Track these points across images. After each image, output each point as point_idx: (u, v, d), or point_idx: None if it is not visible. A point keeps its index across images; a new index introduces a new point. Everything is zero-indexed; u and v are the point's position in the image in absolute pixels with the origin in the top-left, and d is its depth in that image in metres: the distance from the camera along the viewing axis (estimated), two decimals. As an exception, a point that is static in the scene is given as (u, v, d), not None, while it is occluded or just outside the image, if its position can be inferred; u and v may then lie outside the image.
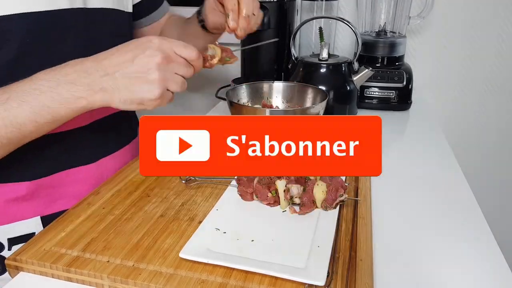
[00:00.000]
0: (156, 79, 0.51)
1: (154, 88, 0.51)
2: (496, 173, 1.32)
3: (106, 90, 0.51)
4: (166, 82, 0.52)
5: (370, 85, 1.05)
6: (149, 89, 0.51)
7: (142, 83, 0.51)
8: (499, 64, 1.21)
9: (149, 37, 0.53)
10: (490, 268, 0.51)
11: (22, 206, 0.64)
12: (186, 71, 0.55)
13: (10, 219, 0.64)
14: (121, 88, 0.51)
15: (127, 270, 0.47)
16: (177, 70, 0.53)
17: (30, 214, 0.65)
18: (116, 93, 0.51)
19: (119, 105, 0.52)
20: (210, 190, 0.64)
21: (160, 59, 0.51)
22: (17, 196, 0.63)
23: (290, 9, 1.11)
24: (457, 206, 0.65)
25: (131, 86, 0.51)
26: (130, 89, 0.51)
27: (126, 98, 0.52)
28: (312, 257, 0.47)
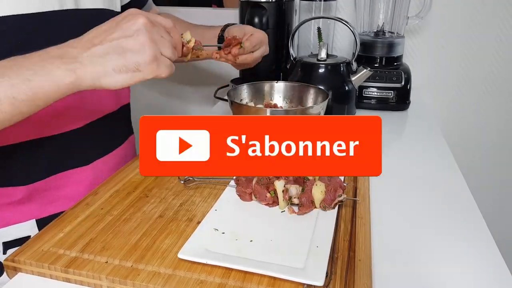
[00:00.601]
0: (146, 39, 0.47)
1: (146, 49, 0.47)
2: (494, 173, 1.32)
3: (95, 62, 0.47)
4: (156, 43, 0.48)
5: (368, 85, 1.05)
6: (141, 51, 0.47)
7: (133, 45, 0.47)
8: (498, 64, 1.21)
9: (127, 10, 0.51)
10: (488, 268, 0.51)
11: (17, 209, 0.64)
12: (170, 38, 0.51)
13: (5, 223, 0.63)
14: (112, 56, 0.47)
15: (126, 270, 0.47)
16: (161, 33, 0.50)
17: (25, 217, 0.64)
18: (108, 62, 0.47)
19: (112, 77, 0.47)
20: (208, 190, 0.64)
21: (145, 20, 0.48)
22: (12, 200, 0.63)
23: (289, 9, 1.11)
24: (456, 206, 0.65)
25: (122, 51, 0.47)
26: (121, 54, 0.47)
27: (119, 65, 0.47)
28: (311, 257, 0.47)
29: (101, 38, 0.48)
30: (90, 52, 0.47)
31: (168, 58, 0.50)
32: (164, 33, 0.51)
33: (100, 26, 0.50)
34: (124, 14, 0.50)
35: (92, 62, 0.47)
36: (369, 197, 0.62)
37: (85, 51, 0.47)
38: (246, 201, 0.60)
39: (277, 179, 0.58)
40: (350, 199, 0.60)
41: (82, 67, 0.46)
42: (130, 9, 0.51)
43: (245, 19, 1.07)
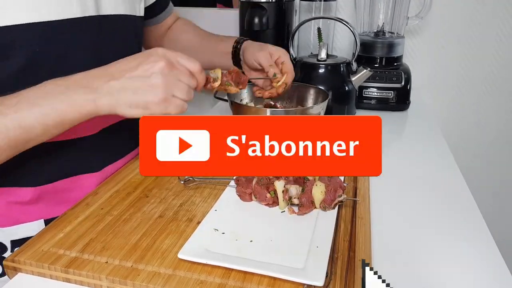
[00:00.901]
0: (159, 83, 0.52)
1: (157, 92, 0.52)
2: (494, 173, 1.32)
3: (112, 94, 0.52)
4: (169, 87, 0.53)
5: (368, 86, 1.05)
6: (152, 92, 0.52)
7: (146, 87, 0.52)
8: (497, 64, 1.21)
9: (155, 48, 0.55)
10: (488, 267, 0.51)
11: (26, 209, 0.64)
12: (189, 80, 0.56)
13: (14, 221, 0.64)
14: (127, 91, 0.52)
15: (126, 270, 0.47)
16: (181, 77, 0.54)
17: (34, 217, 0.65)
18: (122, 96, 0.52)
19: (125, 109, 0.53)
20: (208, 190, 0.64)
21: (164, 64, 0.53)
22: (21, 200, 0.63)
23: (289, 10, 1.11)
24: (456, 206, 0.65)
25: (136, 90, 0.52)
26: (134, 92, 0.52)
27: (131, 101, 0.52)
28: (311, 258, 0.47)
29: (121, 74, 0.53)
30: (108, 86, 0.52)
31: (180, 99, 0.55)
32: (184, 76, 0.55)
33: (125, 61, 0.55)
34: (148, 53, 0.54)
35: (109, 94, 0.52)
36: (369, 197, 0.62)
37: (104, 83, 0.52)
38: (246, 201, 0.60)
39: (277, 179, 0.58)
40: (350, 199, 0.60)
41: (101, 97, 0.52)
42: (157, 50, 0.55)
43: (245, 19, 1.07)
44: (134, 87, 0.52)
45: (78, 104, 0.52)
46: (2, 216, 0.63)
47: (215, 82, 0.63)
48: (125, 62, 0.54)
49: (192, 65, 0.56)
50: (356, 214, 0.57)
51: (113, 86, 0.52)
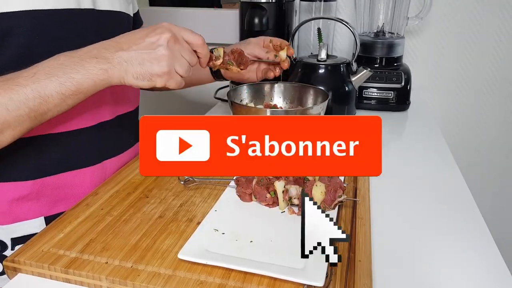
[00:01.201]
0: (165, 55, 0.55)
1: (162, 64, 0.55)
2: (494, 173, 1.32)
3: (121, 64, 0.55)
4: (173, 60, 0.56)
5: (368, 86, 1.05)
6: (158, 64, 0.55)
7: (152, 58, 0.55)
8: (497, 64, 1.22)
9: (160, 23, 0.58)
10: (488, 267, 0.51)
11: (26, 206, 0.64)
12: (191, 57, 0.59)
13: (14, 219, 0.64)
14: (134, 62, 0.55)
15: (126, 271, 0.47)
16: (183, 53, 0.58)
17: (34, 214, 0.65)
18: (130, 67, 0.55)
19: (132, 80, 0.56)
20: (208, 191, 0.64)
21: (168, 36, 0.56)
22: (21, 195, 0.63)
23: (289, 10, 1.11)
24: (456, 206, 0.65)
25: (142, 61, 0.55)
26: (141, 63, 0.55)
27: (139, 72, 0.55)
28: (311, 258, 0.47)
29: (129, 44, 0.56)
30: (117, 55, 0.55)
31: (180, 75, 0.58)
32: (186, 52, 0.58)
33: (133, 33, 0.58)
34: (155, 26, 0.57)
35: (119, 63, 0.55)
36: (369, 197, 0.62)
37: (114, 53, 0.55)
38: (246, 202, 0.60)
39: (277, 179, 0.58)
40: (350, 200, 0.60)
41: (112, 67, 0.55)
42: (163, 23, 0.58)
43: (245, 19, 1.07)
44: (140, 58, 0.55)
45: (92, 73, 0.54)
46: (2, 214, 0.63)
47: (217, 60, 0.64)
48: (134, 34, 0.57)
49: (195, 38, 0.59)
50: (356, 214, 0.57)
51: (122, 56, 0.55)
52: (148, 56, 0.55)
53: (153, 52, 0.55)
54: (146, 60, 0.55)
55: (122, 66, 0.55)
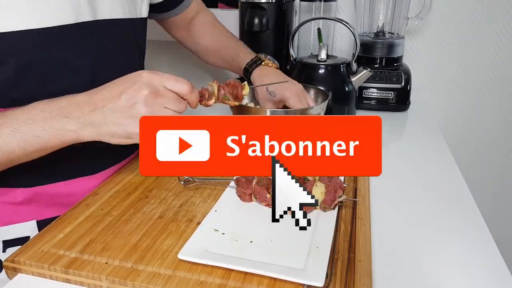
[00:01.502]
0: (142, 114, 0.51)
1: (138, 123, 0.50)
2: (494, 173, 1.32)
3: (94, 125, 0.52)
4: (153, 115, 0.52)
5: (368, 86, 1.05)
6: (134, 123, 0.51)
7: (128, 117, 0.51)
8: (497, 64, 1.21)
9: (139, 72, 0.53)
10: (488, 267, 0.51)
11: (18, 209, 0.64)
12: (177, 106, 0.54)
13: (6, 221, 0.63)
14: (109, 123, 0.52)
15: (126, 271, 0.47)
16: (166, 104, 0.52)
17: (26, 217, 0.64)
18: (104, 127, 0.52)
19: (108, 139, 0.53)
20: (208, 191, 0.64)
21: (147, 93, 0.51)
22: (14, 201, 0.63)
23: (289, 10, 1.11)
24: (456, 206, 0.65)
25: (118, 120, 0.51)
26: (116, 123, 0.52)
27: (114, 132, 0.52)
28: (311, 258, 0.47)
29: (103, 103, 0.52)
30: (90, 116, 0.52)
31: None
32: (170, 102, 0.53)
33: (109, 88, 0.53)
34: (133, 80, 0.52)
35: (91, 125, 0.52)
36: (369, 197, 0.62)
37: (87, 114, 0.52)
38: (246, 202, 0.60)
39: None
40: (350, 200, 0.60)
41: (82, 128, 0.52)
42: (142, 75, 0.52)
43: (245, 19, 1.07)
44: (116, 118, 0.51)
45: (60, 133, 0.52)
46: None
47: (210, 100, 0.59)
48: (109, 89, 0.53)
49: (180, 88, 0.53)
50: (356, 214, 0.57)
51: (95, 116, 0.52)
52: (124, 115, 0.51)
53: (129, 111, 0.51)
54: (122, 119, 0.51)
55: (95, 127, 0.52)
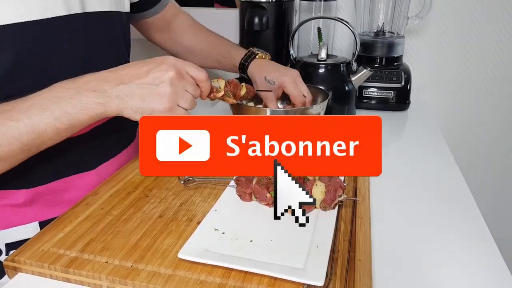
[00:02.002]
0: (167, 92, 0.53)
1: (164, 101, 0.53)
2: (494, 172, 1.32)
3: (121, 98, 0.54)
4: (176, 96, 0.54)
5: (368, 86, 1.05)
6: (159, 101, 0.53)
7: (154, 95, 0.54)
8: (497, 64, 1.21)
9: (165, 56, 0.57)
10: (488, 267, 0.51)
11: (20, 211, 0.63)
12: (194, 91, 0.57)
13: (8, 224, 0.63)
14: (135, 97, 0.54)
15: (126, 270, 0.47)
16: (187, 87, 0.56)
17: (28, 219, 0.64)
18: (130, 102, 0.54)
19: (131, 113, 0.55)
20: (208, 190, 0.64)
21: (173, 74, 0.54)
22: (15, 203, 0.63)
23: (289, 10, 1.11)
24: (456, 205, 0.65)
25: (144, 96, 0.54)
26: (142, 99, 0.54)
27: (138, 107, 0.54)
28: (311, 258, 0.47)
29: (130, 79, 0.54)
30: (117, 90, 0.54)
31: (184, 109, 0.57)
32: (190, 86, 0.57)
33: (135, 66, 0.55)
34: (159, 61, 0.55)
35: (118, 97, 0.54)
36: (369, 197, 0.62)
37: (114, 87, 0.54)
38: (246, 201, 0.60)
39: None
40: (350, 199, 0.60)
41: (110, 101, 0.54)
42: (168, 58, 0.56)
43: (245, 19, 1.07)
44: (142, 93, 0.54)
45: (88, 107, 0.53)
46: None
47: (219, 93, 0.63)
48: (136, 67, 0.55)
49: (198, 74, 0.57)
50: (356, 214, 0.57)
51: (122, 90, 0.54)
52: (150, 91, 0.54)
53: (156, 88, 0.54)
54: (147, 95, 0.54)
55: (122, 100, 0.54)
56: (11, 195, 0.62)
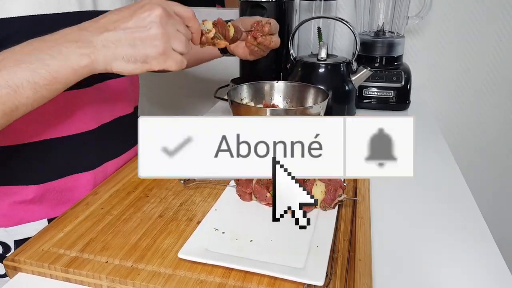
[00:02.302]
0: (158, 33, 0.48)
1: (157, 43, 0.48)
2: (494, 172, 1.32)
3: (108, 47, 0.48)
4: (168, 37, 0.49)
5: (368, 85, 1.05)
6: (151, 44, 0.48)
7: (144, 38, 0.48)
8: (497, 64, 1.21)
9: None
10: (488, 267, 0.51)
11: (29, 208, 0.64)
12: (186, 31, 0.52)
13: (17, 221, 0.64)
14: (123, 44, 0.48)
15: (126, 270, 0.47)
16: (178, 27, 0.51)
17: (37, 216, 0.65)
18: (119, 49, 0.48)
19: (121, 64, 0.48)
20: (208, 190, 0.64)
21: (161, 12, 0.48)
22: (25, 199, 0.63)
23: (289, 9, 1.11)
24: (456, 205, 0.65)
25: (133, 41, 0.48)
26: (132, 45, 0.48)
27: (129, 54, 0.48)
28: (311, 257, 0.47)
29: (115, 24, 0.48)
30: (103, 37, 0.47)
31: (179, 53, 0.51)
32: (181, 26, 0.51)
33: (117, 12, 0.50)
34: (142, 2, 0.49)
35: (105, 47, 0.47)
36: (369, 196, 0.62)
37: (98, 35, 0.47)
38: (246, 201, 0.60)
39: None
40: (350, 199, 0.60)
41: (96, 51, 0.47)
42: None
43: (245, 19, 1.07)
44: (131, 38, 0.48)
45: (71, 59, 0.47)
46: (6, 216, 0.63)
47: (209, 33, 0.59)
48: (118, 11, 0.49)
49: (186, 11, 0.52)
50: (356, 213, 0.57)
51: (108, 38, 0.47)
52: (140, 35, 0.47)
53: (145, 31, 0.47)
54: (137, 40, 0.47)
55: (109, 49, 0.47)
56: (20, 191, 0.63)
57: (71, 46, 0.47)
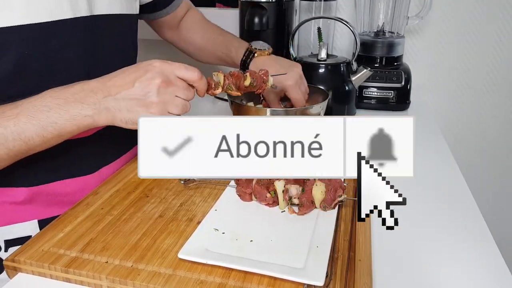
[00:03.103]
0: (154, 102, 0.52)
1: (152, 110, 0.52)
2: (494, 172, 1.32)
3: (109, 110, 0.53)
4: (165, 105, 0.53)
5: (368, 85, 1.05)
6: (147, 111, 0.52)
7: (141, 106, 0.52)
8: (497, 64, 1.21)
9: (151, 61, 0.54)
10: (488, 267, 0.51)
11: (19, 209, 0.64)
12: (186, 94, 0.55)
13: (7, 221, 0.64)
14: (123, 109, 0.53)
15: (126, 270, 0.47)
16: (177, 93, 0.54)
17: (28, 217, 0.65)
18: (118, 114, 0.53)
19: (122, 125, 0.54)
20: (208, 190, 0.64)
21: (159, 82, 0.52)
22: (15, 201, 0.63)
23: (289, 9, 1.11)
24: (456, 205, 0.65)
25: (132, 108, 0.53)
26: (130, 111, 0.53)
27: (127, 119, 0.53)
28: (311, 257, 0.47)
29: (118, 89, 0.53)
30: (105, 101, 0.53)
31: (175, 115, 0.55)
32: (180, 91, 0.54)
33: (122, 75, 0.54)
34: (146, 68, 0.53)
35: (106, 110, 0.53)
36: (369, 197, 0.62)
37: (101, 99, 0.53)
38: (246, 201, 0.60)
39: (277, 179, 0.58)
40: (350, 199, 0.60)
41: (98, 113, 0.53)
42: (154, 64, 0.53)
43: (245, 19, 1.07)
44: (129, 105, 0.53)
45: (76, 119, 0.53)
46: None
47: (217, 89, 0.60)
48: (122, 76, 0.54)
49: (190, 75, 0.55)
50: (356, 214, 0.57)
51: (110, 102, 0.53)
52: (138, 103, 0.52)
53: (143, 100, 0.52)
54: (135, 106, 0.52)
55: (110, 111, 0.53)
56: (11, 193, 0.63)
57: (77, 106, 0.53)
